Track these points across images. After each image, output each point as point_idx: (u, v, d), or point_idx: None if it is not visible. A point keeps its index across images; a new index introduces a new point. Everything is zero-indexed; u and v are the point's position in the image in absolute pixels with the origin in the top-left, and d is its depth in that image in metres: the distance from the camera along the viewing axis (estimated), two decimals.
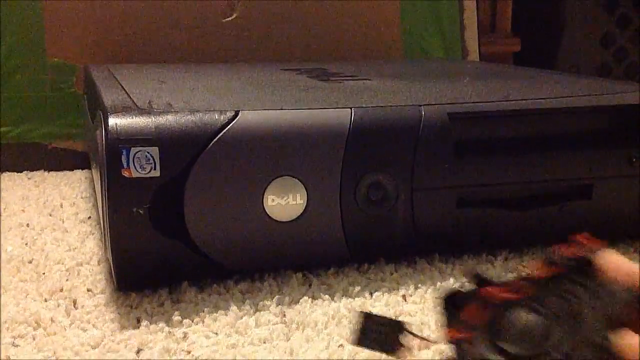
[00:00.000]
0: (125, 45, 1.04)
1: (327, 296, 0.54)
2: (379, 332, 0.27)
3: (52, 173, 0.97)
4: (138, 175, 0.51)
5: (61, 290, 0.56)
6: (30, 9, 0.99)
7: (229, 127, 0.54)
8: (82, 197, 0.84)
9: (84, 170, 0.98)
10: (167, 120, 0.53)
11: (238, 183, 0.54)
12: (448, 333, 0.26)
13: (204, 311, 0.51)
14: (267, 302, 0.53)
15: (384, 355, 0.29)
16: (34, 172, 0.97)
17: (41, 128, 1.00)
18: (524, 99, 0.64)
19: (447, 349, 0.26)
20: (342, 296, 0.54)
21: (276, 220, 0.55)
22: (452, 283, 0.55)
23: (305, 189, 0.55)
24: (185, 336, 0.48)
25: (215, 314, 0.51)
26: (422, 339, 0.26)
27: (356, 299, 0.54)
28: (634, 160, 0.62)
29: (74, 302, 0.53)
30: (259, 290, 0.55)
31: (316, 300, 0.54)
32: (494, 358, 0.25)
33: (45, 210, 0.78)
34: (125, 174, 0.51)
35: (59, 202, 0.81)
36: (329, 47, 1.12)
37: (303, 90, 0.69)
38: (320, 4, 1.11)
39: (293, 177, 0.55)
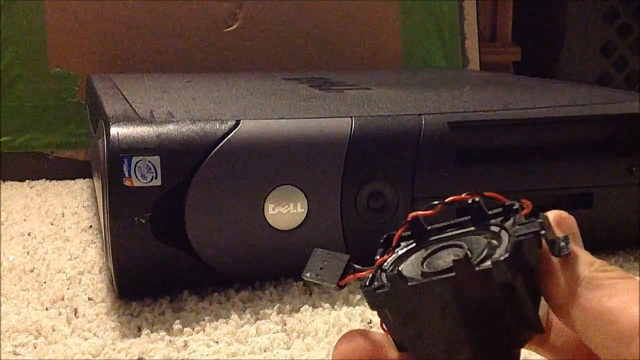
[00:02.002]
0: (127, 55, 1.04)
1: (327, 305, 0.54)
2: (325, 265, 0.27)
3: (54, 182, 0.97)
4: (139, 184, 0.51)
5: (62, 299, 0.56)
6: (33, 18, 1.00)
7: (230, 136, 0.54)
8: (83, 206, 0.84)
9: (85, 180, 0.98)
10: (169, 129, 0.53)
11: (239, 192, 0.54)
12: (376, 262, 0.27)
13: (204, 320, 0.51)
14: (268, 311, 0.53)
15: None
16: (36, 181, 0.98)
17: (43, 137, 1.01)
18: (524, 108, 0.64)
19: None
20: (343, 304, 0.54)
21: (277, 229, 0.55)
22: None
23: (306, 197, 0.55)
24: (185, 345, 0.48)
25: (215, 322, 0.51)
26: (365, 270, 0.27)
27: (357, 307, 0.54)
28: (634, 169, 0.63)
29: (75, 311, 0.53)
30: (259, 299, 0.55)
31: (317, 309, 0.54)
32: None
33: (46, 220, 0.78)
34: (127, 183, 0.51)
35: (60, 211, 0.81)
36: (330, 57, 1.12)
37: (304, 99, 0.69)
38: (322, 13, 1.11)
39: (294, 185, 0.55)
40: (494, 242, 0.25)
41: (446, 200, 0.26)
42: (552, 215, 0.26)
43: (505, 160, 0.61)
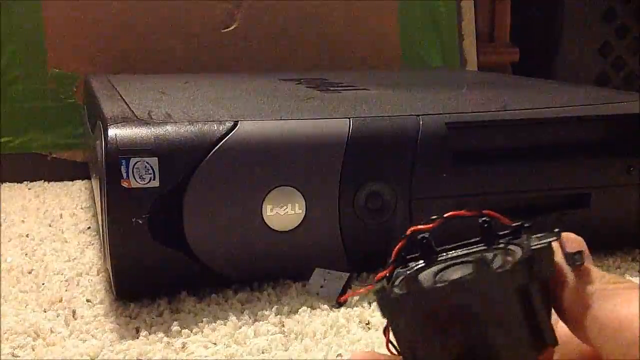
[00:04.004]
0: (125, 56, 1.04)
1: (325, 306, 0.54)
2: (324, 283, 0.28)
3: (52, 183, 0.97)
4: (137, 185, 0.51)
5: (60, 300, 0.56)
6: (31, 19, 1.00)
7: (228, 137, 0.54)
8: (81, 208, 0.84)
9: (83, 181, 0.98)
10: (167, 130, 0.53)
11: (237, 193, 0.54)
12: (377, 277, 0.27)
13: (202, 321, 0.51)
14: (266, 312, 0.53)
15: None
16: (34, 182, 0.98)
17: (41, 138, 1.00)
18: (522, 109, 0.64)
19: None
20: (341, 306, 0.54)
21: (275, 230, 0.55)
22: None
23: (304, 198, 0.55)
24: (184, 346, 0.48)
25: (214, 324, 0.51)
26: (365, 287, 0.27)
27: (355, 308, 0.54)
28: (632, 169, 0.63)
29: (73, 313, 0.53)
30: (257, 300, 0.55)
31: (315, 310, 0.54)
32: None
33: (45, 221, 0.78)
34: (125, 184, 0.51)
35: (58, 213, 0.81)
36: (328, 57, 1.12)
37: (302, 100, 0.69)
38: (320, 14, 1.11)
39: (292, 186, 0.55)
40: (507, 257, 0.25)
41: (445, 215, 0.26)
42: (563, 235, 0.26)
43: (503, 161, 0.61)
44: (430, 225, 0.26)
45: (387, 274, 0.27)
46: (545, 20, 1.37)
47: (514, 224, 0.26)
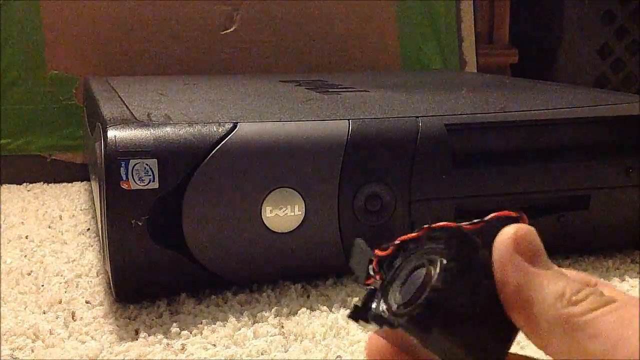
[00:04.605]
0: (125, 57, 1.04)
1: (325, 307, 0.54)
2: (361, 259, 0.29)
3: (52, 185, 0.97)
4: (137, 187, 0.51)
5: (60, 302, 0.56)
6: (31, 21, 1.00)
7: (227, 139, 0.54)
8: (81, 209, 0.84)
9: (83, 182, 0.98)
10: (166, 132, 0.53)
11: (236, 194, 0.54)
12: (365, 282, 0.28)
13: (202, 323, 0.51)
14: (266, 314, 0.53)
15: None
16: (34, 184, 0.98)
17: (41, 140, 1.00)
18: (522, 111, 0.64)
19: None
20: (341, 307, 0.54)
21: (274, 232, 0.55)
22: None
23: (303, 200, 0.55)
24: (183, 348, 0.48)
25: (213, 325, 0.51)
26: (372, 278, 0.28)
27: None
28: (631, 170, 0.63)
29: (73, 314, 0.53)
30: (257, 302, 0.55)
31: (314, 312, 0.54)
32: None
33: (44, 222, 0.78)
34: (124, 186, 0.51)
35: (58, 214, 0.81)
36: (327, 59, 1.12)
37: (301, 102, 0.70)
38: (319, 16, 1.11)
39: (291, 188, 0.55)
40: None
41: (396, 242, 0.27)
42: (509, 234, 0.24)
43: (502, 162, 0.61)
44: (387, 251, 0.27)
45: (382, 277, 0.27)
46: (544, 22, 1.37)
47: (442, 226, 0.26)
